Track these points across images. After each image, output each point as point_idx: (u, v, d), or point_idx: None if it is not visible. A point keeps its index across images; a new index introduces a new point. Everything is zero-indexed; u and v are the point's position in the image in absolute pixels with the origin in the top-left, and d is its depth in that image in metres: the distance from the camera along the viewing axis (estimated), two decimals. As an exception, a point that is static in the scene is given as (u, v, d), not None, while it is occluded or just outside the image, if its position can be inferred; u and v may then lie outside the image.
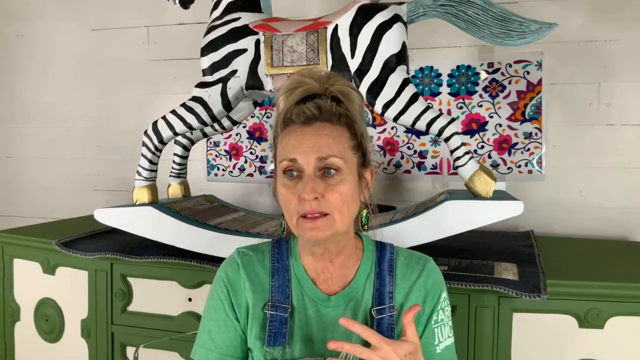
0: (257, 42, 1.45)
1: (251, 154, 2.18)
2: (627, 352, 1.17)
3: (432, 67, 1.95)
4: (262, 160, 2.17)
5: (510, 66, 1.87)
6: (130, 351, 1.53)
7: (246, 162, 2.19)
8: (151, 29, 2.29)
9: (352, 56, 1.37)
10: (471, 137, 1.92)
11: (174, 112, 1.49)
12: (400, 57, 1.35)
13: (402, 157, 2.00)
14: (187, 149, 1.72)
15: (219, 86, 1.47)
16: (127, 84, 2.33)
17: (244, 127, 2.18)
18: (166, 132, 1.50)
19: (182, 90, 2.15)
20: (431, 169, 1.98)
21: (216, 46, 1.47)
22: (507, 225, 1.75)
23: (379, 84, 1.34)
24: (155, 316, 1.50)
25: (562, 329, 1.19)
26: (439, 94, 1.95)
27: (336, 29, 1.39)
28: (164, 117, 1.50)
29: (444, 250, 1.39)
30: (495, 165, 1.90)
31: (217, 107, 1.47)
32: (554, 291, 1.16)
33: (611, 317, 1.17)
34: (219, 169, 2.23)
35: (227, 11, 1.52)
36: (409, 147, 2.00)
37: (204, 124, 1.49)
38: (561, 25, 1.32)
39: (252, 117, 2.15)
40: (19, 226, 1.93)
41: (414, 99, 1.33)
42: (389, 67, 1.34)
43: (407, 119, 1.34)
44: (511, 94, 1.87)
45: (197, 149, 2.07)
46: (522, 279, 1.20)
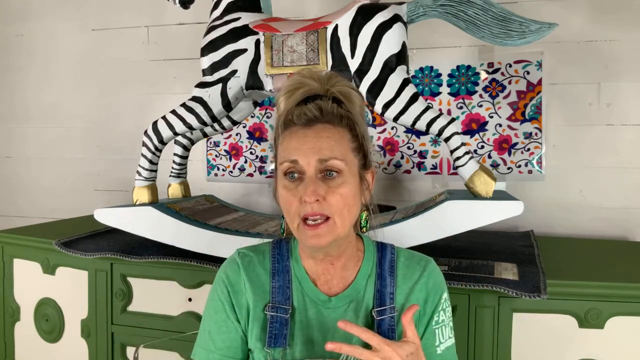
0: (257, 42, 1.45)
1: (251, 154, 2.18)
2: (627, 352, 1.17)
3: (432, 67, 1.95)
4: (262, 160, 2.17)
5: (510, 66, 1.87)
6: (130, 351, 1.53)
7: (246, 162, 2.19)
8: (151, 29, 2.28)
9: (352, 56, 1.37)
10: (471, 137, 1.92)
11: (174, 112, 1.49)
12: (400, 57, 1.35)
13: (402, 157, 2.00)
14: (187, 149, 1.72)
15: (219, 86, 1.47)
16: (127, 84, 2.33)
17: (244, 127, 2.18)
18: (166, 132, 1.50)
19: (182, 90, 2.15)
20: (431, 169, 1.98)
21: (216, 46, 1.47)
22: (507, 225, 1.75)
23: (379, 84, 1.34)
24: (155, 316, 1.50)
25: (562, 329, 1.19)
26: (439, 94, 1.94)
27: (336, 29, 1.39)
28: (164, 117, 1.50)
29: (444, 250, 1.39)
30: (495, 165, 1.90)
31: (217, 107, 1.47)
32: (554, 291, 1.16)
33: (611, 317, 1.17)
34: (219, 169, 2.23)
35: (227, 11, 1.52)
36: (409, 147, 1.99)
37: (204, 124, 1.49)
38: (561, 25, 1.32)
39: (252, 117, 2.15)
40: (19, 226, 1.92)
41: (414, 99, 1.33)
42: (389, 67, 1.34)
43: (407, 119, 1.34)
44: (511, 94, 1.87)
45: (197, 149, 2.07)
46: (522, 279, 1.20)
